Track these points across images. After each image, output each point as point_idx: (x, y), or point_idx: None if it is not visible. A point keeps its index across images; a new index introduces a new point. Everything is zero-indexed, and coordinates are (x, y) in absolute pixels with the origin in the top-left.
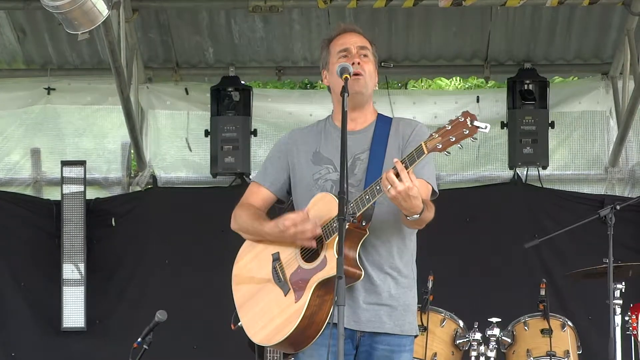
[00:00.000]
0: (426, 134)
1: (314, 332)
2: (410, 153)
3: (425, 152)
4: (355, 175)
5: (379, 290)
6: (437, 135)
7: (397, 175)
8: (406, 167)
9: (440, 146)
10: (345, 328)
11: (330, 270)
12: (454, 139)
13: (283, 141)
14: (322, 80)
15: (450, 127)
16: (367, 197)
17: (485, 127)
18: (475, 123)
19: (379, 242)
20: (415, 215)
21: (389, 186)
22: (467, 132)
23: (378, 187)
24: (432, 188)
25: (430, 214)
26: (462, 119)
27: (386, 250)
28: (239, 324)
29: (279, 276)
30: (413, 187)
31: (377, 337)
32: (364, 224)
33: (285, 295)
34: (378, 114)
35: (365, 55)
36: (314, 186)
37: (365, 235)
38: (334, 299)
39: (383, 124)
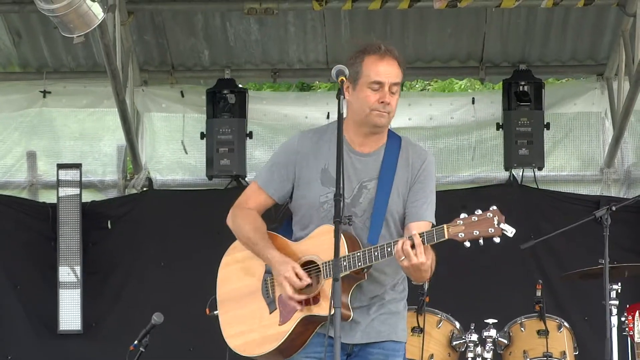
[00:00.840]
0: (433, 170)
1: (289, 353)
2: (430, 232)
3: (446, 236)
4: (360, 205)
5: (370, 307)
6: (461, 223)
7: (412, 245)
8: (423, 243)
9: (463, 236)
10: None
11: (321, 309)
12: (477, 233)
13: (292, 148)
14: (346, 94)
15: (476, 219)
16: (376, 254)
17: (511, 233)
18: (502, 226)
19: (375, 272)
20: (421, 283)
21: (403, 257)
22: (493, 231)
23: (389, 249)
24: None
25: (431, 273)
26: (490, 216)
27: (382, 277)
28: (215, 312)
29: (268, 292)
30: (426, 263)
31: (371, 343)
32: (365, 270)
33: (270, 313)
34: (389, 131)
35: (394, 93)
36: (319, 208)
37: (362, 280)
38: (318, 327)
39: (393, 146)
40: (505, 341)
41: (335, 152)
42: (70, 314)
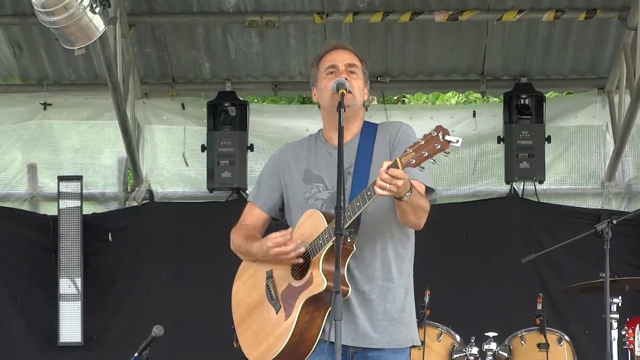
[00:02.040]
0: (411, 135)
1: (306, 349)
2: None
3: (400, 167)
4: (346, 190)
5: (374, 305)
6: (411, 151)
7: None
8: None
9: (414, 161)
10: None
11: (315, 287)
12: (426, 154)
13: (274, 159)
14: (312, 97)
15: (423, 142)
16: (358, 204)
17: (457, 142)
18: (447, 137)
19: (372, 255)
20: (408, 193)
21: (388, 185)
22: (439, 146)
23: (369, 193)
24: (427, 185)
25: (423, 202)
26: (435, 134)
27: (379, 262)
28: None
29: (271, 294)
30: (403, 178)
31: (371, 352)
32: (349, 240)
33: (276, 313)
34: (364, 122)
35: (352, 72)
36: (305, 205)
37: (353, 252)
38: (326, 315)
39: (368, 133)
40: (506, 354)
41: (317, 153)
42: (70, 326)
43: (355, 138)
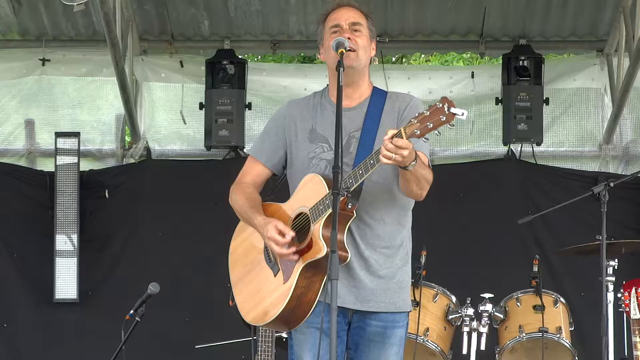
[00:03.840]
0: (420, 109)
1: (303, 313)
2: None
3: (404, 137)
4: (350, 154)
5: (372, 269)
6: (416, 122)
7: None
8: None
9: (419, 132)
10: (337, 306)
11: (315, 252)
12: (431, 125)
13: (280, 115)
14: (319, 56)
15: (428, 113)
16: (361, 172)
17: (462, 114)
18: (452, 110)
19: (373, 221)
20: (413, 162)
21: (393, 154)
22: (444, 118)
23: (372, 161)
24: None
25: (427, 173)
26: (440, 105)
27: (380, 227)
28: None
29: (270, 257)
30: (408, 147)
31: (369, 313)
32: (349, 206)
33: (275, 276)
34: (373, 87)
35: (357, 30)
36: (308, 165)
37: (352, 218)
38: (324, 280)
39: (377, 99)
40: (501, 316)
41: (323, 113)
42: (66, 282)
43: (364, 102)
